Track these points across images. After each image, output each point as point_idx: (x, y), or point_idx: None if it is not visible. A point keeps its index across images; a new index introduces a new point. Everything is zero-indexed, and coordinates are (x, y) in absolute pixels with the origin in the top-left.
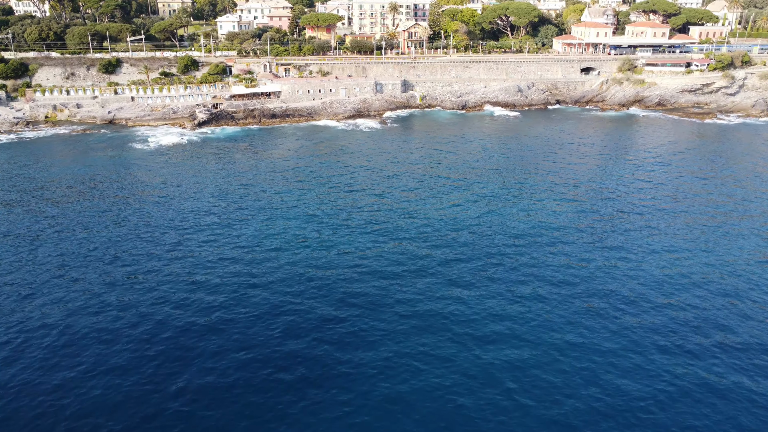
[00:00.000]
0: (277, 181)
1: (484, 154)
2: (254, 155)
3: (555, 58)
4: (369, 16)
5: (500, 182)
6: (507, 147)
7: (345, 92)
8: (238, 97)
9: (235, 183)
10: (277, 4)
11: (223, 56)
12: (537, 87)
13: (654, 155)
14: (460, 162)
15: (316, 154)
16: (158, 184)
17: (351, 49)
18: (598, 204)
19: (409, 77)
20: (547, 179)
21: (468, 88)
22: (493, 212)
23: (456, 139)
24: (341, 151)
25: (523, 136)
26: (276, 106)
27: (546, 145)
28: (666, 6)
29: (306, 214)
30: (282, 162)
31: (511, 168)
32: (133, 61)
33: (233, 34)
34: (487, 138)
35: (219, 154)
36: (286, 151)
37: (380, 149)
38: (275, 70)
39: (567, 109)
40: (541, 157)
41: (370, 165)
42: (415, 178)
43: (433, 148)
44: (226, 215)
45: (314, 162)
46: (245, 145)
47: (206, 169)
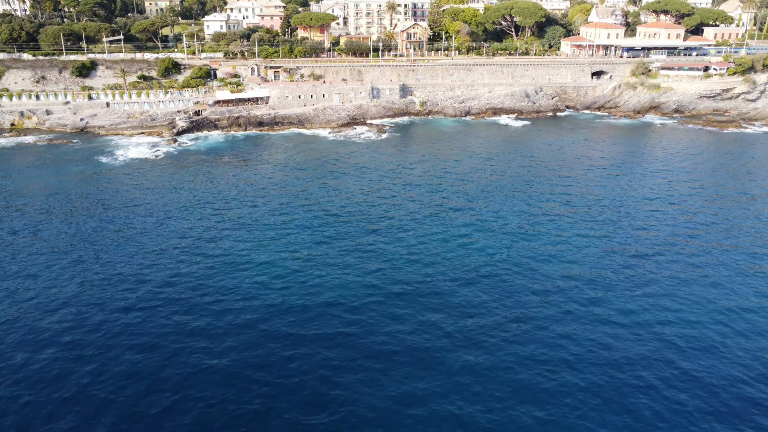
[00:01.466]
0: (257, 207)
1: (493, 172)
2: (235, 172)
3: (564, 61)
4: (365, 16)
5: (513, 208)
6: (518, 163)
7: (339, 98)
8: (223, 103)
9: (208, 209)
10: (269, 3)
11: (208, 58)
12: (545, 92)
13: (684, 174)
14: (467, 182)
15: (305, 172)
16: (117, 208)
17: (346, 50)
18: (629, 238)
19: (408, 81)
20: (566, 204)
21: (471, 93)
22: (509, 249)
23: (460, 152)
24: (333, 167)
25: (534, 150)
26: (264, 113)
27: (560, 160)
28: (679, 6)
29: (287, 251)
30: (265, 181)
31: (524, 189)
32: (110, 64)
33: (220, 34)
34: (495, 152)
35: (196, 170)
36: (271, 167)
37: (376, 165)
38: (264, 73)
39: (578, 117)
40: (556, 176)
41: (364, 185)
42: (416, 201)
43: (435, 164)
44: (193, 252)
45: (301, 182)
46: (227, 159)
47: (178, 190)
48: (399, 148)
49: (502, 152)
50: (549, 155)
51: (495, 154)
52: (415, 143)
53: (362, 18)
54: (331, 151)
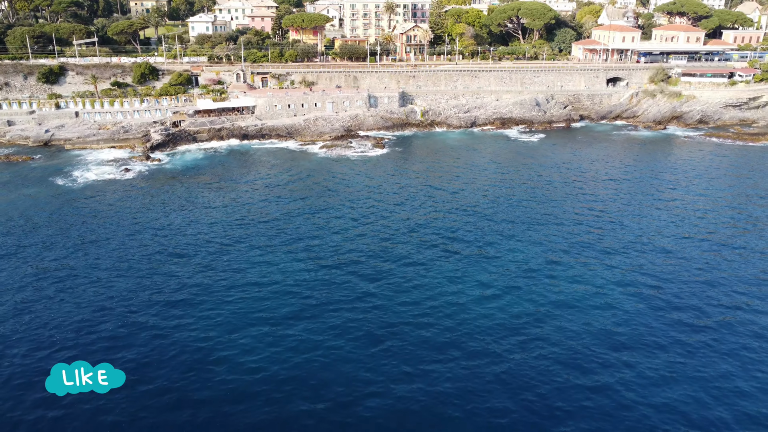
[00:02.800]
0: (226, 253)
1: (507, 199)
2: (211, 198)
3: (577, 67)
4: (362, 17)
5: (531, 242)
6: (533, 187)
7: (332, 107)
8: (204, 113)
9: (167, 258)
10: (260, 3)
11: (191, 63)
12: (557, 100)
13: (722, 199)
14: (478, 212)
15: (291, 199)
16: (63, 248)
17: (340, 54)
18: (671, 283)
19: (409, 89)
20: (592, 237)
21: (477, 101)
22: (537, 302)
23: (468, 174)
24: (323, 192)
25: (551, 170)
26: (249, 124)
27: (580, 180)
28: (696, 7)
29: (257, 331)
30: (243, 211)
31: (542, 218)
32: (80, 69)
33: (204, 36)
34: (507, 173)
35: (165, 197)
36: (253, 193)
37: (372, 190)
38: (250, 79)
39: (594, 128)
40: (579, 204)
41: (358, 217)
42: (418, 236)
43: (441, 188)
44: (148, 310)
45: (286, 212)
46: (204, 180)
47: (138, 226)
48: (399, 167)
49: (514, 172)
50: (568, 176)
51: (507, 176)
52: (416, 161)
53: (359, 19)
54: (322, 171)
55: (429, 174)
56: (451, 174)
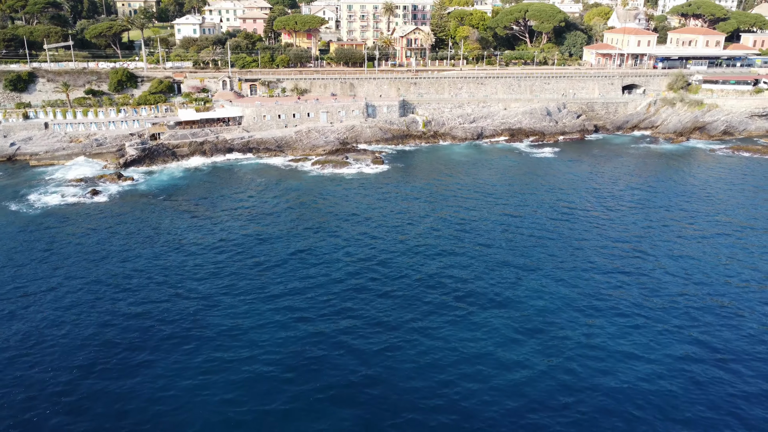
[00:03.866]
0: (194, 302)
1: (522, 229)
2: (184, 230)
3: (591, 73)
4: (360, 19)
5: (560, 296)
6: (552, 214)
7: (327, 117)
8: (186, 124)
9: (125, 309)
10: (253, 4)
11: (174, 69)
12: (569, 109)
13: (762, 229)
14: (493, 246)
15: (277, 228)
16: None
17: (336, 59)
18: (739, 362)
19: (410, 97)
20: (630, 286)
21: (483, 111)
22: (567, 387)
23: (476, 196)
24: (315, 219)
25: (569, 191)
26: (235, 136)
27: (604, 206)
28: (713, 9)
29: (223, 392)
30: (221, 246)
31: (568, 259)
32: (52, 76)
33: (189, 40)
34: (520, 195)
35: (134, 227)
36: (234, 220)
37: (370, 217)
38: (238, 87)
39: (611, 140)
40: (605, 234)
41: (353, 253)
42: (423, 285)
43: (448, 214)
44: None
45: (270, 247)
46: (180, 204)
47: (101, 260)
48: (399, 189)
49: (530, 197)
50: (590, 201)
51: (522, 202)
52: (418, 181)
53: (356, 21)
54: (313, 194)
55: (433, 199)
56: (457, 198)
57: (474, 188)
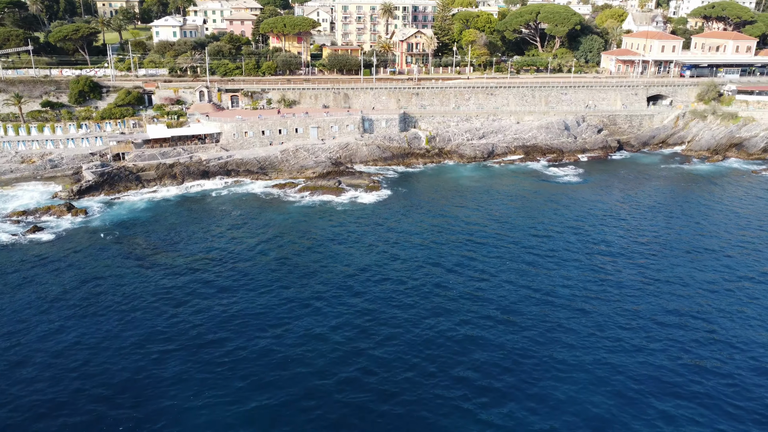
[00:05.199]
0: (137, 393)
1: (551, 286)
2: (136, 285)
3: (612, 82)
4: (356, 21)
5: (613, 392)
6: (584, 262)
7: (317, 133)
8: (156, 143)
9: (43, 406)
10: (240, 4)
11: (148, 76)
12: (589, 123)
13: None
14: (509, 314)
15: (248, 281)
16: None
17: (329, 66)
18: None
19: (411, 109)
20: (697, 373)
21: (494, 125)
22: None
23: (489, 236)
24: (295, 271)
25: (601, 229)
26: (212, 156)
27: (643, 248)
28: (739, 11)
29: None
30: (175, 310)
31: (611, 335)
32: (4, 86)
33: (165, 44)
34: (543, 235)
35: (72, 280)
36: (197, 270)
37: (361, 268)
38: (217, 98)
39: (638, 159)
40: (655, 292)
41: (338, 330)
42: (429, 373)
43: (453, 266)
44: None
45: (235, 311)
46: (136, 247)
47: (23, 331)
48: (401, 223)
49: (555, 235)
50: (626, 241)
51: (546, 245)
52: (423, 213)
53: (352, 23)
54: (297, 231)
55: (438, 240)
56: (467, 238)
57: (488, 225)
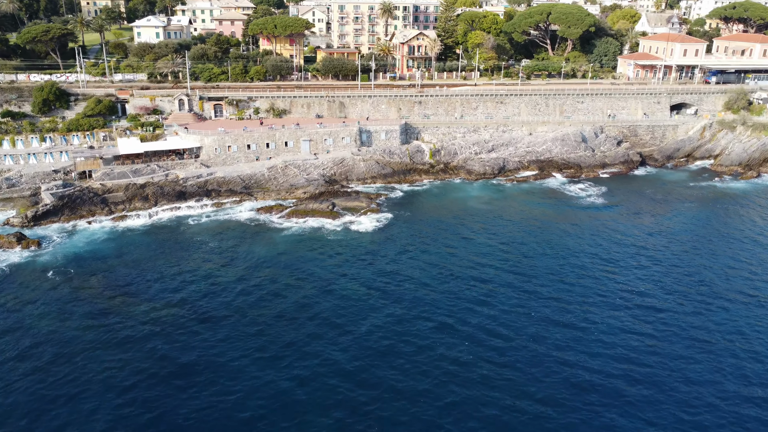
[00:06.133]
0: None
1: (587, 357)
2: (86, 342)
3: (632, 89)
4: (353, 21)
5: None
6: (624, 321)
7: (309, 147)
8: (127, 159)
9: None
10: (230, 3)
11: (125, 82)
12: (608, 134)
13: None
14: (539, 398)
15: (222, 334)
16: None
17: (323, 71)
18: None
19: (413, 119)
20: None
21: (505, 136)
22: None
23: (502, 272)
24: (278, 320)
25: (632, 263)
26: (190, 174)
27: (693, 296)
28: (763, 12)
29: None
30: (122, 394)
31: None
32: None
33: (144, 46)
34: (568, 273)
35: (13, 329)
36: (159, 321)
37: (356, 319)
38: (198, 107)
39: (664, 176)
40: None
41: (325, 404)
42: None
43: (463, 325)
44: None
45: (202, 392)
46: (88, 290)
47: None
48: (401, 258)
49: (582, 276)
50: (661, 280)
51: (572, 284)
52: (427, 244)
53: (349, 24)
54: (285, 269)
55: (446, 286)
56: (480, 284)
57: (503, 264)
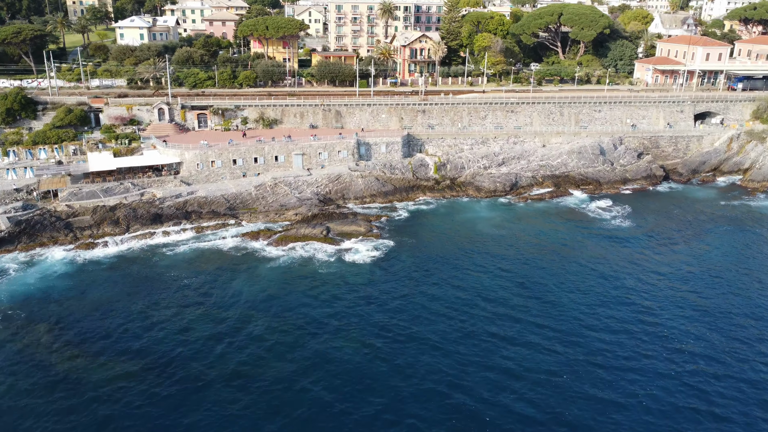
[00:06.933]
0: None
1: (624, 419)
2: (20, 420)
3: (653, 97)
4: (351, 22)
5: None
6: (672, 389)
7: (302, 162)
8: (98, 177)
9: None
10: (222, 3)
11: (102, 88)
12: (627, 145)
13: None
14: None
15: (186, 401)
16: None
17: (319, 77)
18: None
19: (417, 130)
20: None
21: (516, 149)
22: None
23: (523, 321)
24: (254, 383)
25: (669, 311)
26: (168, 193)
27: (748, 350)
28: None
29: None
30: None
31: None
32: None
33: (125, 49)
34: (600, 319)
35: None
36: (126, 376)
37: (349, 379)
38: (180, 117)
39: (691, 193)
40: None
41: None
42: None
43: (480, 379)
44: None
45: None
46: (41, 335)
47: None
48: (404, 299)
49: (617, 324)
50: (708, 333)
51: (608, 333)
52: (433, 280)
53: (347, 25)
54: (270, 311)
55: (456, 340)
56: (496, 337)
57: (522, 308)
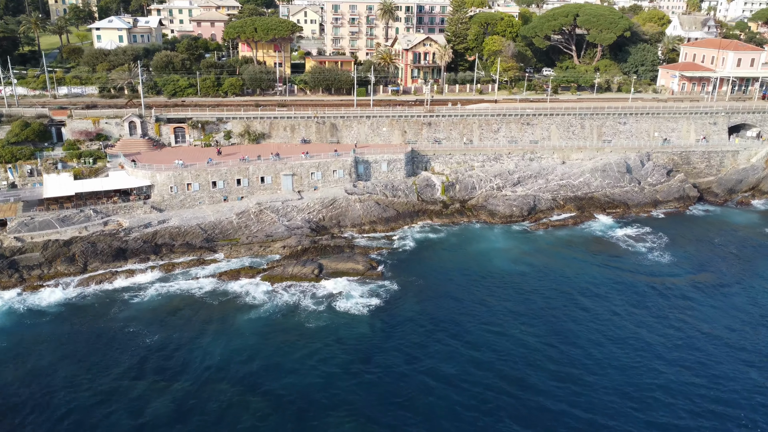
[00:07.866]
0: None
1: None
2: None
3: (683, 108)
4: (348, 23)
5: None
6: None
7: (292, 183)
8: (56, 203)
9: None
10: (210, 2)
11: (71, 97)
12: (656, 162)
13: None
14: None
15: None
16: None
17: (313, 84)
18: None
19: (421, 144)
20: None
21: (533, 166)
22: None
23: (554, 391)
24: None
25: (737, 377)
26: (136, 222)
27: None
28: None
29: None
30: None
31: None
32: None
33: (97, 53)
34: (644, 393)
35: None
36: None
37: None
38: (155, 131)
39: (728, 217)
40: None
41: None
42: None
43: None
44: None
45: None
46: None
47: None
48: (411, 361)
49: (664, 386)
50: None
51: (656, 404)
52: (446, 331)
53: (344, 26)
54: (245, 383)
55: (474, 421)
56: (523, 423)
57: (554, 379)
